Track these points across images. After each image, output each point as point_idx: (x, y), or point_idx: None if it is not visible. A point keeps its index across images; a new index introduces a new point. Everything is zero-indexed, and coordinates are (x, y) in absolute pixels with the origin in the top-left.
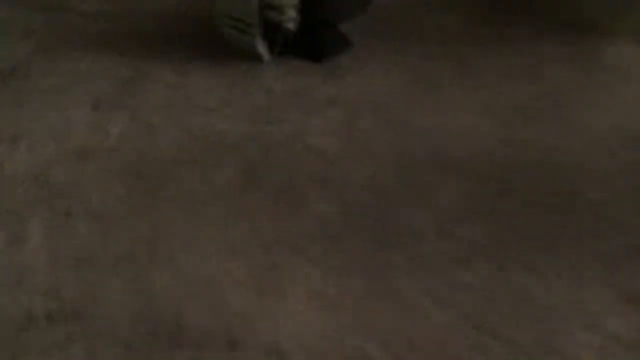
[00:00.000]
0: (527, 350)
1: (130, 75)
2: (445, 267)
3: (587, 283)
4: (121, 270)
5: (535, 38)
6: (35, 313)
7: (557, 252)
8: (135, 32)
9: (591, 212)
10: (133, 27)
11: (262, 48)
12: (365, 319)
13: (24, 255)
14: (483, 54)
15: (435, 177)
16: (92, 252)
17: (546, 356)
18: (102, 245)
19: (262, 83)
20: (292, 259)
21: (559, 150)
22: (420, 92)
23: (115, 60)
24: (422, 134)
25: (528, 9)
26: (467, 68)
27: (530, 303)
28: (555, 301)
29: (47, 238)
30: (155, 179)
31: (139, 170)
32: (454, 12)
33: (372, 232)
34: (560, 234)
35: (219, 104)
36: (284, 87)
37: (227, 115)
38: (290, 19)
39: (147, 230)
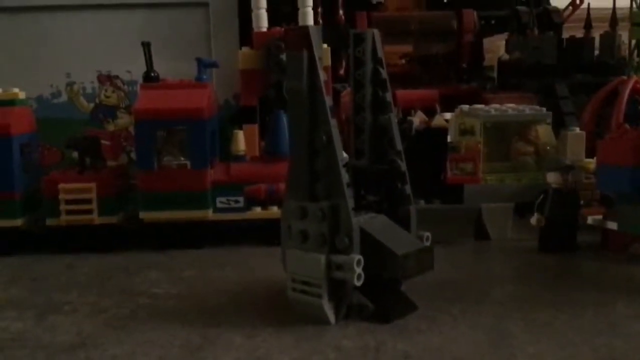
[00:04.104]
0: None
1: (199, 342)
2: None
3: None
4: None
5: (607, 300)
6: None
7: None
8: (204, 307)
9: None
10: (201, 303)
11: (328, 310)
12: None
13: None
14: (556, 315)
15: None
16: None
17: None
18: None
19: (332, 341)
20: None
21: None
22: (500, 347)
23: (184, 330)
24: None
25: (595, 277)
26: (544, 327)
27: None
28: None
29: None
30: None
31: None
32: (521, 282)
33: None
34: None
35: None
36: (355, 344)
37: None
38: (357, 276)
39: None
